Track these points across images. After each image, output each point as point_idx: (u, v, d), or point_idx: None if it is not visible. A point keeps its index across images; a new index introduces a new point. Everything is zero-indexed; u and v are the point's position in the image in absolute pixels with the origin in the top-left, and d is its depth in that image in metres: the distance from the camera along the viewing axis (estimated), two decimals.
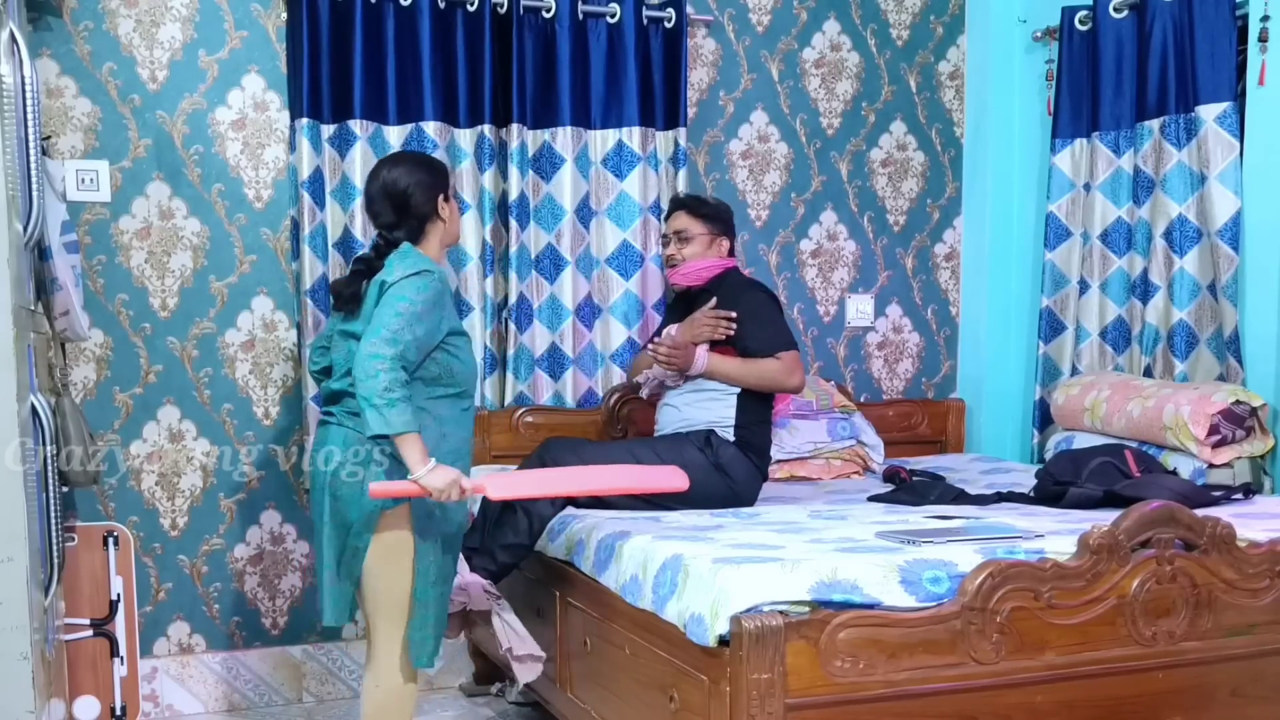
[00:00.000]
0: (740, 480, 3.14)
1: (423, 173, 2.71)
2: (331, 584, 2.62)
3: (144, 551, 3.56)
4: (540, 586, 3.08)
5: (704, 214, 3.40)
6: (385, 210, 2.69)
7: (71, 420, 2.86)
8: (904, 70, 4.30)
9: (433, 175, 2.72)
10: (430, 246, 2.71)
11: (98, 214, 3.47)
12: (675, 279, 3.43)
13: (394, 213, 2.68)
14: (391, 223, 2.69)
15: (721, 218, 3.43)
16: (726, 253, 3.43)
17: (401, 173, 2.69)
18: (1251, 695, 2.44)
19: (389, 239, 2.68)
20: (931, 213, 4.38)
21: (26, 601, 2.25)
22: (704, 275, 3.35)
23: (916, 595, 2.21)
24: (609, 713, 2.68)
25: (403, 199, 2.67)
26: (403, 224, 2.68)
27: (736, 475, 3.14)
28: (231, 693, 3.66)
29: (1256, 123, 3.33)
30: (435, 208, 2.70)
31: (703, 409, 3.24)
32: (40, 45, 3.36)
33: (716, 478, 3.11)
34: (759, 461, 3.22)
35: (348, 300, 2.67)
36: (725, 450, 3.16)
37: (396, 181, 2.68)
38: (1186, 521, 2.38)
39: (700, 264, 3.36)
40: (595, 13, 3.80)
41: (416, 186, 2.68)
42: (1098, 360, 3.86)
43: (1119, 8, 3.72)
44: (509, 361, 3.79)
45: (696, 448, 3.13)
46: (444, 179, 2.75)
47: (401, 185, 2.67)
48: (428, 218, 2.70)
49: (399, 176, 2.68)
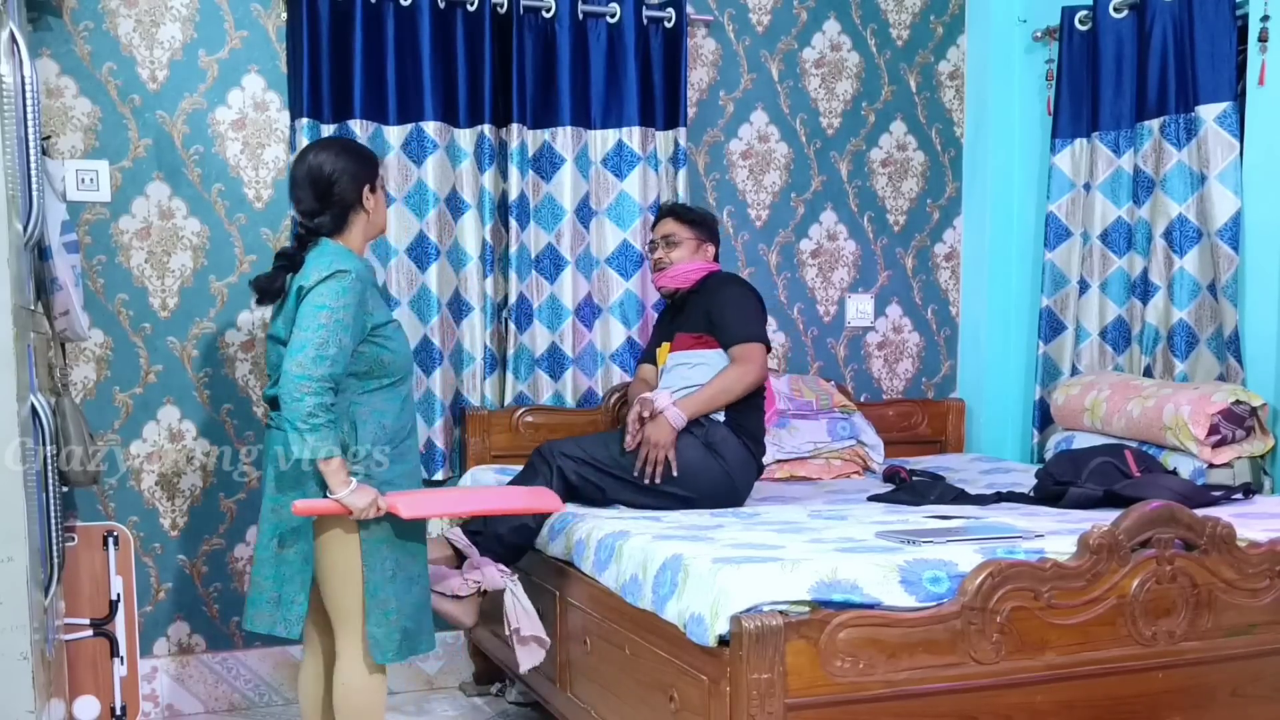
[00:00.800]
0: (733, 463, 3.16)
1: (349, 160, 2.62)
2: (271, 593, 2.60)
3: (144, 551, 3.56)
4: (540, 586, 3.08)
5: (690, 220, 3.43)
6: (307, 196, 2.61)
7: (71, 420, 2.86)
8: (904, 70, 4.30)
9: (360, 164, 2.64)
10: (352, 238, 2.64)
11: (98, 214, 3.47)
12: (662, 281, 3.42)
13: (316, 199, 2.60)
14: (313, 209, 2.60)
15: (707, 224, 3.46)
16: (712, 258, 3.45)
17: (327, 158, 2.60)
18: (1251, 695, 2.44)
19: (309, 227, 2.61)
20: (931, 213, 4.38)
21: (26, 601, 2.25)
22: (691, 277, 3.37)
23: (916, 595, 2.21)
24: (609, 713, 2.68)
25: (326, 185, 2.59)
26: (324, 211, 2.60)
27: (729, 456, 3.15)
28: (231, 693, 3.66)
29: (1256, 123, 3.33)
30: (360, 197, 2.62)
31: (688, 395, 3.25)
32: (40, 45, 3.36)
33: (709, 458, 3.13)
34: (753, 447, 3.23)
35: (271, 295, 2.61)
36: (716, 430, 3.18)
37: (321, 166, 2.59)
38: (1186, 521, 2.38)
39: (687, 266, 3.37)
40: (595, 13, 3.80)
41: (342, 174, 2.59)
42: (1098, 360, 3.86)
43: (1119, 8, 3.72)
44: (509, 361, 3.79)
45: (687, 429, 3.15)
46: (372, 168, 2.67)
47: (326, 171, 2.58)
48: (351, 207, 2.62)
49: (324, 162, 2.60)
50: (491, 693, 3.77)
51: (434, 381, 3.70)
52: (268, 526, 2.60)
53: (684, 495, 3.11)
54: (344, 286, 2.46)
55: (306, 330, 2.43)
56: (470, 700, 3.76)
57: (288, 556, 2.58)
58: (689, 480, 3.11)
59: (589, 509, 3.06)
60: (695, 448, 3.13)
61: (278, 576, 2.59)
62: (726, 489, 3.14)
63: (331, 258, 2.52)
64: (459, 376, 3.80)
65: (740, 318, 3.25)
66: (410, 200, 3.68)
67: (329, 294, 2.45)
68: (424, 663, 3.83)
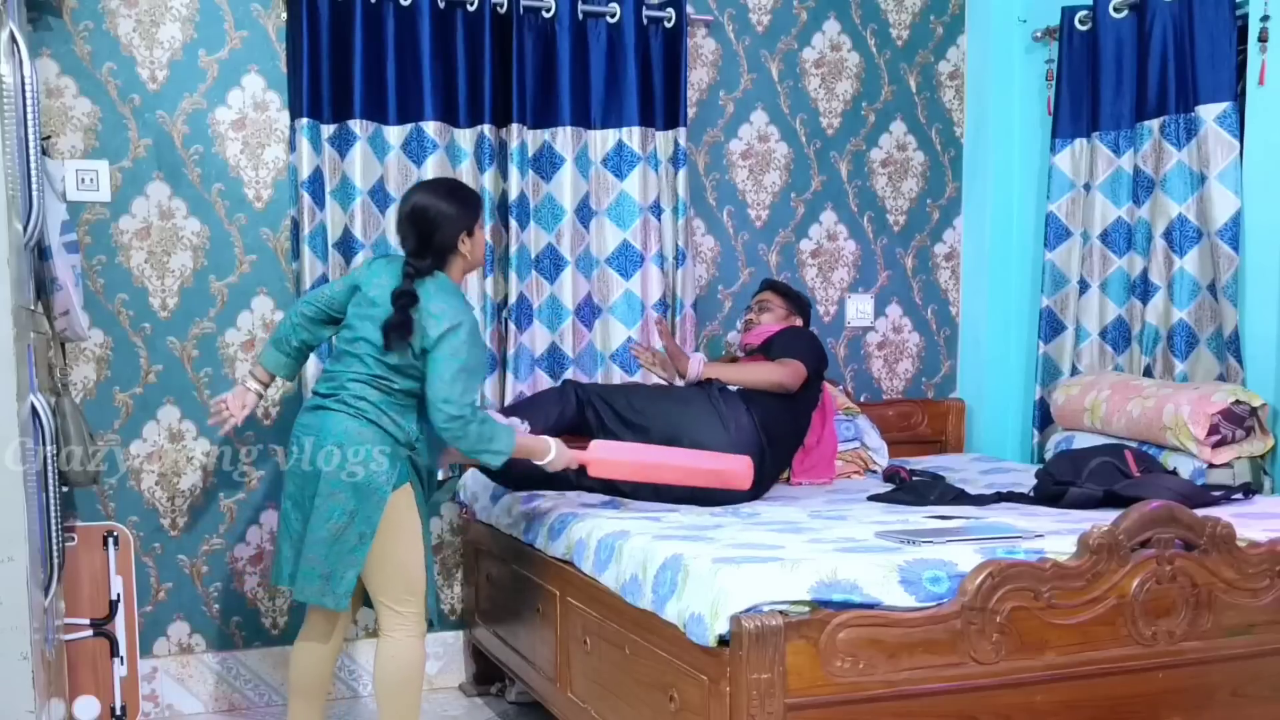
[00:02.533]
0: (736, 434, 3.25)
1: (452, 206, 2.80)
2: (323, 569, 2.75)
3: (144, 551, 3.56)
4: (540, 586, 3.08)
5: (786, 293, 3.78)
6: (410, 236, 2.82)
7: (71, 420, 2.87)
8: (904, 70, 4.30)
9: (461, 210, 2.81)
10: (453, 273, 2.84)
11: (98, 214, 3.47)
12: (747, 339, 3.70)
13: (417, 240, 2.79)
14: (414, 250, 2.80)
15: (801, 302, 3.78)
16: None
17: (431, 202, 2.80)
18: (1251, 695, 2.44)
19: (418, 266, 2.77)
20: (931, 213, 4.38)
21: (26, 601, 2.25)
22: (766, 335, 3.61)
23: (916, 595, 2.21)
24: (609, 713, 2.68)
25: (428, 229, 2.78)
26: (425, 253, 2.78)
27: (734, 427, 3.26)
28: (231, 693, 3.66)
29: (1256, 122, 3.33)
30: (456, 243, 2.80)
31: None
32: (40, 45, 3.36)
33: (713, 417, 3.27)
34: (763, 438, 3.30)
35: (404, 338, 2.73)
36: (734, 406, 3.30)
37: (425, 210, 2.79)
38: (1186, 521, 2.38)
39: (771, 327, 3.66)
40: (595, 12, 3.80)
41: (443, 218, 2.78)
42: (1098, 360, 3.86)
43: (1119, 8, 3.72)
44: (509, 361, 3.79)
45: (705, 396, 3.35)
46: (472, 215, 2.84)
47: (430, 215, 2.78)
48: (448, 250, 2.80)
49: (428, 206, 2.79)
50: (491, 693, 3.77)
51: None
52: (325, 509, 2.71)
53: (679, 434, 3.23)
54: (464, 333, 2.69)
55: (446, 375, 2.67)
56: (470, 700, 3.76)
57: (345, 538, 2.72)
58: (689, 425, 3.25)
59: (590, 509, 3.06)
60: (708, 413, 3.29)
61: (331, 554, 2.73)
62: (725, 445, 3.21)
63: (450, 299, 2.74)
64: None
65: (793, 345, 3.48)
66: None
67: (461, 345, 2.68)
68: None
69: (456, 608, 3.89)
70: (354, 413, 2.73)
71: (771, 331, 3.63)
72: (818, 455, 3.70)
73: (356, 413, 2.73)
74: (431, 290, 2.74)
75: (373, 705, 3.66)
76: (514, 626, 3.33)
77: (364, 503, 2.71)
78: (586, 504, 3.13)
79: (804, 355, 3.45)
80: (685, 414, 3.31)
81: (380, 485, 2.71)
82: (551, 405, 3.40)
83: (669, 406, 3.35)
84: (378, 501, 2.71)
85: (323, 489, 2.71)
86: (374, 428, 2.73)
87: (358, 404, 2.74)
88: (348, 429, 2.72)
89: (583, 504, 3.13)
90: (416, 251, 2.79)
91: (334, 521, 2.71)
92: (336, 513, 2.71)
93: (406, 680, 2.83)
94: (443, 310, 2.70)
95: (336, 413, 2.74)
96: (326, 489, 2.71)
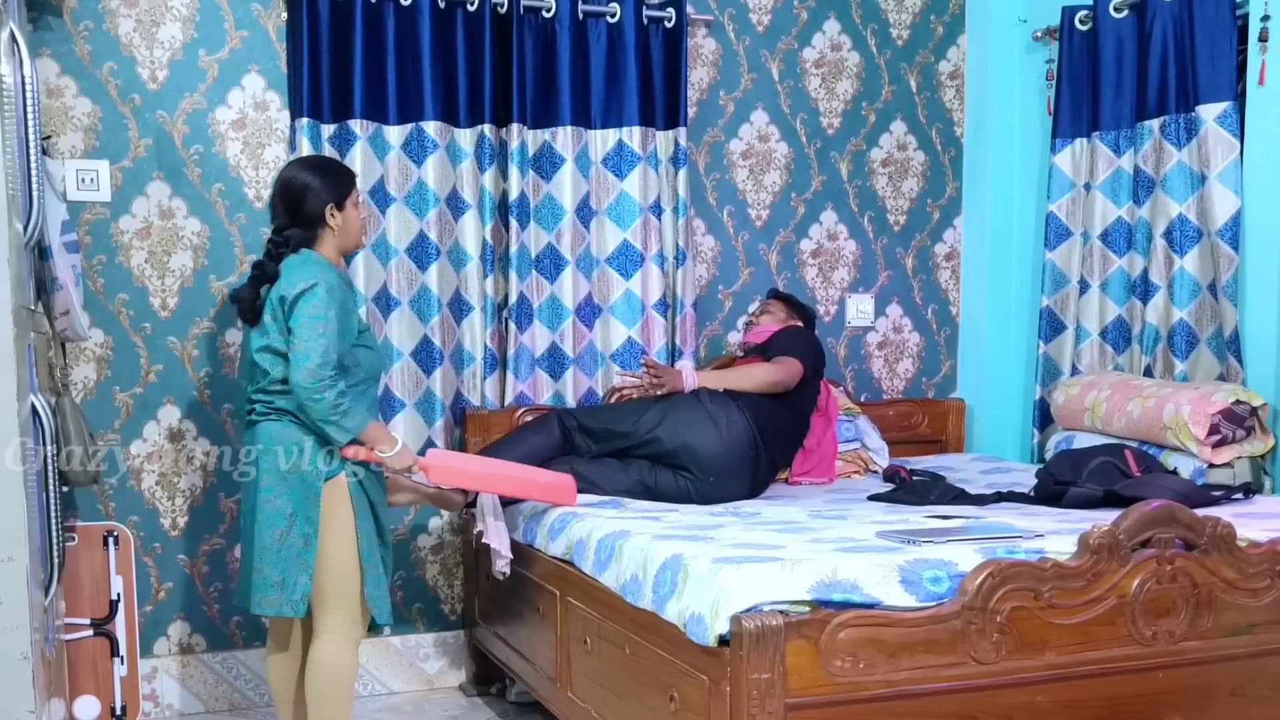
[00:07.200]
0: (728, 434, 3.25)
1: (317, 178, 2.80)
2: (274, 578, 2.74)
3: (144, 551, 3.56)
4: (540, 586, 3.08)
5: (790, 302, 3.84)
6: (279, 211, 2.82)
7: (71, 420, 2.87)
8: (904, 70, 4.30)
9: (325, 181, 2.80)
10: (325, 250, 2.82)
11: (98, 214, 3.47)
12: (748, 337, 3.76)
13: (285, 214, 2.80)
14: (282, 224, 2.81)
15: (805, 311, 3.84)
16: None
17: (297, 175, 2.80)
18: (1251, 695, 2.44)
19: (279, 240, 2.78)
20: (931, 212, 4.38)
21: (26, 601, 2.24)
22: (766, 334, 3.64)
23: (916, 595, 2.21)
24: (609, 713, 2.68)
25: (294, 201, 2.79)
26: (293, 225, 2.79)
27: (724, 424, 3.26)
28: (231, 693, 3.66)
29: (1256, 122, 3.33)
30: (323, 215, 2.79)
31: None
32: (40, 45, 3.36)
33: (704, 420, 3.26)
34: (757, 436, 3.29)
35: (256, 315, 2.76)
36: (726, 407, 3.29)
37: (290, 182, 2.80)
38: (1186, 521, 2.38)
39: (771, 327, 3.69)
40: (595, 12, 3.80)
41: (308, 191, 2.78)
42: (1098, 360, 3.86)
43: (1119, 7, 3.72)
44: (509, 361, 3.79)
45: (693, 398, 3.35)
46: (341, 187, 2.83)
47: (294, 188, 2.79)
48: (316, 224, 2.80)
49: (293, 177, 2.80)
50: (491, 693, 3.77)
51: (434, 381, 3.70)
52: (265, 516, 2.73)
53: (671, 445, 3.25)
54: (322, 296, 2.66)
55: (307, 341, 2.64)
56: (470, 700, 3.76)
57: (289, 542, 2.73)
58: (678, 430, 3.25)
59: (590, 509, 3.05)
60: (698, 415, 3.28)
61: (279, 561, 2.73)
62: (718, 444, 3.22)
63: (310, 267, 2.72)
64: (459, 376, 3.80)
65: (791, 344, 3.52)
66: (410, 200, 3.68)
67: (319, 306, 2.65)
68: (424, 663, 3.83)
69: (457, 608, 3.89)
70: (275, 416, 2.76)
71: (771, 331, 3.65)
72: (818, 456, 3.70)
73: (278, 414, 2.75)
74: (295, 263, 2.75)
75: (370, 706, 3.66)
76: (514, 626, 3.33)
77: (301, 502, 2.72)
78: (587, 504, 3.13)
79: (801, 353, 3.47)
80: (674, 420, 3.29)
81: (312, 480, 2.72)
82: (532, 435, 3.42)
83: (656, 416, 3.32)
84: (314, 498, 2.72)
85: (261, 496, 2.74)
86: (296, 425, 2.74)
87: (275, 409, 2.76)
88: (273, 431, 2.75)
89: (583, 504, 3.13)
90: (283, 226, 2.80)
91: (276, 526, 2.73)
92: (277, 518, 2.73)
93: (332, 687, 2.77)
94: (300, 276, 2.70)
95: (261, 421, 2.78)
96: (265, 495, 2.74)
